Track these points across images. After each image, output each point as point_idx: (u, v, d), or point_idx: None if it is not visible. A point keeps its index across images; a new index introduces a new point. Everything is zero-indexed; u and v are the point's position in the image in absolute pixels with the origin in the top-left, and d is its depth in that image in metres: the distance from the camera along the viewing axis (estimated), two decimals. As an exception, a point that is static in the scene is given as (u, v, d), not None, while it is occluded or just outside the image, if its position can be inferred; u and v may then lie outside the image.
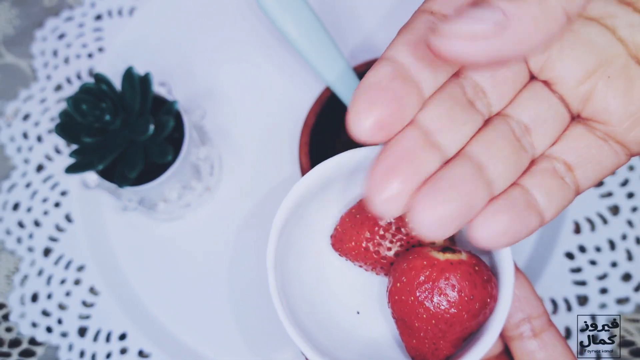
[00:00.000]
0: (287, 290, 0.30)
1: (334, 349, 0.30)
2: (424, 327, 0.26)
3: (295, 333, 0.27)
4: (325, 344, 0.29)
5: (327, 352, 0.28)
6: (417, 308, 0.25)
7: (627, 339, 0.43)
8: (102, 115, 0.38)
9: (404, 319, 0.26)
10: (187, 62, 0.52)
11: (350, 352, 0.30)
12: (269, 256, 0.28)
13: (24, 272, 0.47)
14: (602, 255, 0.45)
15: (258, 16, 0.52)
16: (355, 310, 0.32)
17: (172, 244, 0.48)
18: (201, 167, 0.45)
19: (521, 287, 0.29)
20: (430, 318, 0.25)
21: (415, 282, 0.25)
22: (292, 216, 0.29)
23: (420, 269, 0.26)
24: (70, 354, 0.45)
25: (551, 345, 0.28)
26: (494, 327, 0.26)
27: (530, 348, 0.28)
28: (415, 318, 0.26)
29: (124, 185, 0.39)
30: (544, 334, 0.29)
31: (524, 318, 0.29)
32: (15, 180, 0.50)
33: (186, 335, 0.46)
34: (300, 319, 0.30)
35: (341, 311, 0.32)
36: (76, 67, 0.52)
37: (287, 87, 0.50)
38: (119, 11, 0.54)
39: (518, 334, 0.29)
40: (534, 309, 0.29)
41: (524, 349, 0.29)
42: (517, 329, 0.29)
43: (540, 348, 0.28)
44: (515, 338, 0.29)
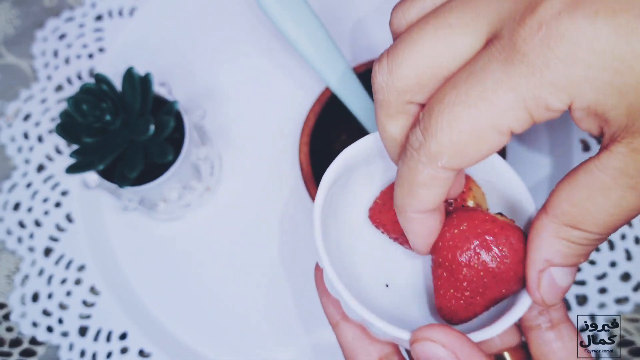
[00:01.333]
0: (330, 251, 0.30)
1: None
2: (469, 277, 0.26)
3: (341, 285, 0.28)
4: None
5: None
6: (470, 256, 0.26)
7: (626, 339, 0.43)
8: (102, 115, 0.38)
9: (452, 266, 0.26)
10: (187, 62, 0.52)
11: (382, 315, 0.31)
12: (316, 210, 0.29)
13: (24, 272, 0.47)
14: (601, 255, 0.45)
15: (258, 16, 0.52)
16: (384, 283, 0.33)
17: (173, 244, 0.48)
18: (201, 167, 0.45)
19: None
20: (480, 269, 0.26)
21: (477, 231, 0.26)
22: (338, 180, 0.30)
23: (483, 221, 0.26)
24: (71, 354, 0.45)
25: (567, 337, 0.29)
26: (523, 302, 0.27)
27: (547, 339, 0.29)
28: (465, 266, 0.26)
29: (124, 185, 0.39)
30: (561, 325, 0.29)
31: (543, 309, 0.29)
32: (16, 180, 0.50)
33: (186, 335, 0.46)
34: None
35: (370, 283, 0.32)
36: (77, 68, 0.52)
37: (287, 87, 0.50)
38: (120, 11, 0.54)
39: (536, 324, 0.29)
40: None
41: (542, 339, 0.29)
42: (536, 320, 0.29)
43: (557, 339, 0.29)
44: (533, 328, 0.30)
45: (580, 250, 0.24)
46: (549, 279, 0.24)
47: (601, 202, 0.22)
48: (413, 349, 0.25)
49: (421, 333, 0.25)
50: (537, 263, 0.24)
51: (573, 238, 0.23)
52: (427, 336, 0.25)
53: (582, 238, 0.23)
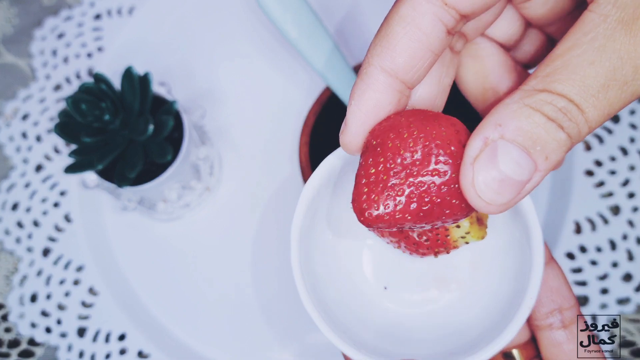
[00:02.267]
0: (312, 266, 0.30)
1: (358, 329, 0.30)
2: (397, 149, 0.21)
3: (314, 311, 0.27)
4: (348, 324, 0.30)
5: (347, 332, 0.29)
6: (402, 128, 0.22)
7: (627, 339, 0.43)
8: (101, 115, 0.38)
9: (379, 144, 0.22)
10: (187, 62, 0.52)
11: (374, 331, 0.31)
12: (293, 229, 0.28)
13: (23, 273, 0.47)
14: (603, 255, 0.45)
15: (258, 16, 0.52)
16: (383, 286, 0.32)
17: (172, 244, 0.48)
18: (201, 167, 0.45)
19: (555, 278, 0.29)
20: (410, 141, 0.21)
21: (411, 118, 0.22)
22: (322, 192, 0.29)
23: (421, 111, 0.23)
24: (70, 355, 0.45)
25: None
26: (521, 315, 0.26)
27: (558, 339, 0.28)
28: (394, 139, 0.22)
29: (124, 185, 0.39)
30: (573, 326, 0.28)
31: (555, 309, 0.28)
32: (14, 180, 0.49)
33: (186, 336, 0.46)
34: (324, 297, 0.30)
35: (368, 288, 0.33)
36: (75, 67, 0.52)
37: (287, 87, 0.50)
38: (119, 11, 0.54)
39: (547, 324, 0.29)
40: (566, 301, 0.29)
41: (552, 339, 0.28)
42: (547, 319, 0.28)
43: (569, 340, 0.28)
44: (544, 328, 0.29)
45: (547, 132, 0.18)
46: (490, 155, 0.19)
47: (584, 50, 0.18)
48: None
49: None
50: (485, 128, 0.19)
51: (542, 106, 0.18)
52: None
53: (554, 109, 0.18)
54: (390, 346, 0.30)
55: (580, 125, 0.19)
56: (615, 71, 0.18)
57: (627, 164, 0.46)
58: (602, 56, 0.18)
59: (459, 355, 0.27)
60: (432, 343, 0.31)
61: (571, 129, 0.19)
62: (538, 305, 0.29)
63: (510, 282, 0.29)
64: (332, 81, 0.41)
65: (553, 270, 0.29)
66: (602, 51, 0.18)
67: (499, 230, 0.30)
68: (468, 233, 0.28)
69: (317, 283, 0.30)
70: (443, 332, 0.31)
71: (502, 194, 0.19)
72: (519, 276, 0.28)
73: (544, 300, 0.29)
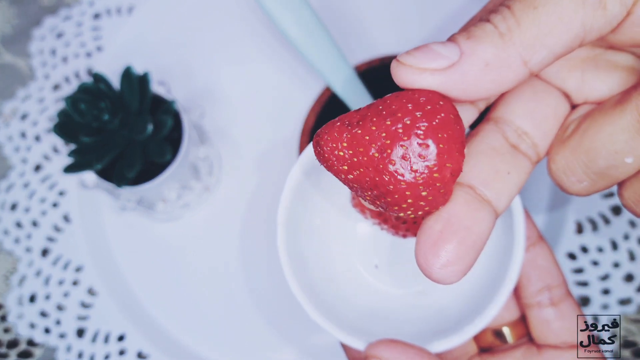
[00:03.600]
0: (299, 247, 0.31)
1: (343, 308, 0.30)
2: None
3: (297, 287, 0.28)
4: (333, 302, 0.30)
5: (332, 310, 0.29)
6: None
7: (629, 340, 0.43)
8: (100, 114, 0.38)
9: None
10: (186, 61, 0.52)
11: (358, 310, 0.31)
12: (280, 210, 0.29)
13: (21, 273, 0.47)
14: (604, 255, 0.45)
15: (258, 15, 0.52)
16: (374, 264, 0.33)
17: (171, 244, 0.48)
18: (200, 166, 0.45)
19: (543, 257, 0.29)
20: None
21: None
22: (310, 174, 0.30)
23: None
24: (69, 355, 0.45)
25: (568, 315, 0.28)
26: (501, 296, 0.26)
27: (546, 317, 0.28)
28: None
29: (123, 185, 0.39)
30: (562, 303, 0.29)
31: (544, 287, 0.29)
32: (13, 180, 0.49)
33: (185, 336, 0.46)
34: (310, 275, 0.30)
35: (361, 264, 0.33)
36: (74, 66, 0.52)
37: (287, 87, 0.50)
38: (118, 10, 0.54)
39: (536, 302, 0.29)
40: (554, 279, 0.29)
41: (541, 317, 0.29)
42: (536, 297, 0.29)
43: (557, 318, 0.28)
44: (533, 306, 0.29)
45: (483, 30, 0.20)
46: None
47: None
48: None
49: (371, 350, 0.26)
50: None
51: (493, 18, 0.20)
52: (375, 354, 0.25)
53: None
54: (375, 326, 0.30)
55: (507, 18, 0.19)
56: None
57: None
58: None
59: (445, 333, 0.28)
60: (418, 322, 0.31)
61: (498, 20, 0.20)
62: (527, 283, 0.29)
63: (495, 259, 0.29)
64: (332, 81, 0.41)
65: (542, 249, 0.30)
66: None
67: None
68: None
69: (304, 264, 0.30)
70: (428, 311, 0.31)
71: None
72: (503, 254, 0.28)
73: (533, 278, 0.29)
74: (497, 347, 0.31)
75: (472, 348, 0.31)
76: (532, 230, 0.30)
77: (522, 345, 0.30)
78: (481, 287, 0.30)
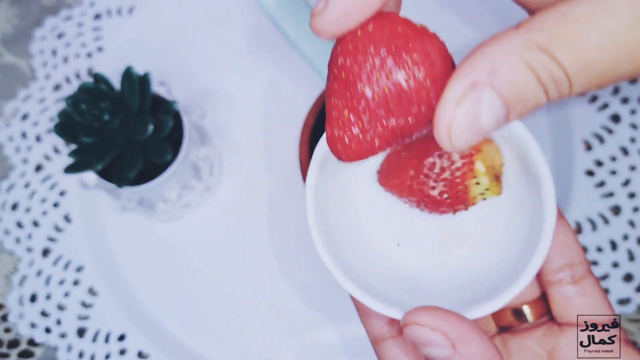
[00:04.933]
0: (326, 220, 0.30)
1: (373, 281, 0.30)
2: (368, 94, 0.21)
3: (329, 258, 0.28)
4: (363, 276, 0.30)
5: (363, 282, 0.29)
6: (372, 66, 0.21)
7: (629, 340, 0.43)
8: (101, 114, 0.38)
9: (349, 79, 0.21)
10: (187, 61, 0.52)
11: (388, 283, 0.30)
12: (308, 184, 0.28)
13: (22, 273, 0.47)
14: (604, 255, 0.45)
15: (258, 16, 0.52)
16: (396, 242, 0.32)
17: (172, 244, 0.48)
18: (201, 167, 0.45)
19: (564, 233, 0.29)
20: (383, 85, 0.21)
21: (384, 32, 0.21)
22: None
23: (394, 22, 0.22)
24: (69, 355, 0.45)
25: (590, 293, 0.28)
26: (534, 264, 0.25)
27: (568, 294, 0.28)
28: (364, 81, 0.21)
29: (123, 185, 0.39)
30: (584, 281, 0.28)
31: (565, 264, 0.28)
32: (13, 180, 0.49)
33: (186, 336, 0.46)
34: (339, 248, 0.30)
35: (382, 243, 0.32)
36: (75, 67, 0.52)
37: (287, 87, 0.50)
38: (118, 10, 0.54)
39: (557, 279, 0.28)
40: (576, 256, 0.29)
41: (563, 294, 0.28)
42: (557, 275, 0.28)
43: (579, 294, 0.28)
44: (554, 283, 0.28)
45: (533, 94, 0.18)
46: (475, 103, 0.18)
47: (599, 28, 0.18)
48: (405, 332, 0.25)
49: (410, 317, 0.24)
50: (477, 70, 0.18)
51: (539, 68, 0.18)
52: (415, 320, 0.24)
53: (548, 76, 0.18)
54: (404, 296, 0.30)
55: (563, 94, 0.19)
56: (616, 67, 0.18)
57: (627, 164, 0.46)
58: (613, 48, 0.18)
59: (472, 305, 0.27)
60: (445, 294, 0.30)
61: (553, 95, 0.19)
62: (548, 261, 0.28)
63: (522, 235, 0.29)
64: (332, 81, 0.41)
65: (563, 226, 0.29)
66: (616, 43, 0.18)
67: (511, 186, 0.29)
68: (487, 189, 0.28)
69: (332, 237, 0.30)
70: (455, 283, 0.31)
71: (467, 138, 0.19)
72: (531, 229, 0.28)
73: (554, 255, 0.28)
74: (517, 326, 0.30)
75: (492, 327, 0.31)
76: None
77: (542, 324, 0.29)
78: (509, 262, 0.29)
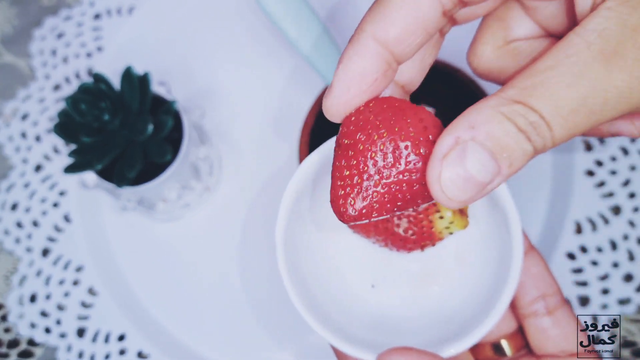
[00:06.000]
0: (299, 266, 0.30)
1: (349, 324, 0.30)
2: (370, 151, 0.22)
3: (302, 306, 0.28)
4: (337, 318, 0.30)
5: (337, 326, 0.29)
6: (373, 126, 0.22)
7: (628, 340, 0.43)
8: (100, 114, 0.38)
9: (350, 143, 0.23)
10: (187, 61, 0.52)
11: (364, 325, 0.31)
12: (278, 231, 0.29)
13: (22, 273, 0.47)
14: (604, 255, 0.45)
15: (258, 16, 0.52)
16: (371, 283, 0.33)
17: (172, 244, 0.48)
18: (200, 167, 0.45)
19: (536, 265, 0.29)
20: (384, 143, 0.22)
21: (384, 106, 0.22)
22: (305, 192, 0.30)
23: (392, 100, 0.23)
24: (69, 355, 0.45)
25: (565, 323, 0.28)
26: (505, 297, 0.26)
27: (544, 325, 0.29)
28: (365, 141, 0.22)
29: (123, 185, 0.39)
30: (558, 311, 0.29)
31: (539, 296, 0.29)
32: (13, 180, 0.49)
33: (185, 336, 0.46)
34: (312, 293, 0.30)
35: (356, 285, 0.33)
36: (75, 67, 0.52)
37: (287, 87, 0.50)
38: (118, 10, 0.54)
39: (532, 311, 0.29)
40: (549, 287, 0.29)
41: (538, 326, 0.29)
42: (532, 307, 0.29)
43: (554, 325, 0.28)
44: (529, 315, 0.29)
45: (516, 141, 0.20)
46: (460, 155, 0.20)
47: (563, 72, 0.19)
48: None
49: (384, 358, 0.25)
50: (458, 128, 0.20)
51: (515, 117, 0.19)
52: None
53: (525, 122, 0.19)
54: (379, 337, 0.30)
55: (547, 140, 0.20)
56: (587, 99, 0.19)
57: (627, 164, 0.46)
58: (578, 82, 0.19)
59: (446, 343, 0.27)
60: (419, 332, 0.31)
61: (537, 142, 0.20)
62: (522, 293, 0.29)
63: (493, 269, 0.29)
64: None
65: (534, 258, 0.30)
66: (579, 77, 0.19)
67: (480, 220, 0.30)
68: (452, 223, 0.29)
69: (305, 281, 0.30)
70: (429, 321, 0.31)
71: (464, 191, 0.20)
72: (501, 263, 0.29)
73: (528, 287, 0.29)
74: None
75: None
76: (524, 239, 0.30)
77: (521, 357, 0.30)
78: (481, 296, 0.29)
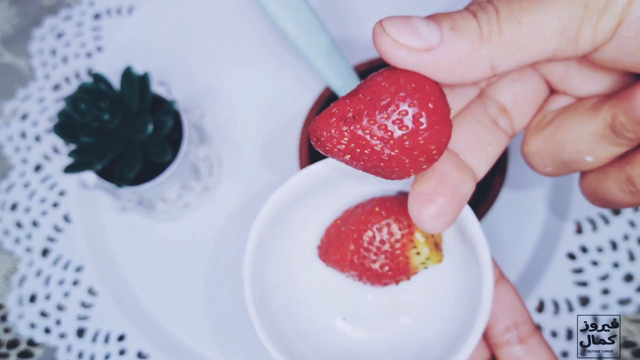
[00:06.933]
0: (268, 300, 0.31)
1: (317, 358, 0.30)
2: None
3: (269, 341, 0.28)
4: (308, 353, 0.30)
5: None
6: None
7: (629, 340, 0.43)
8: (100, 114, 0.38)
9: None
10: (187, 61, 0.52)
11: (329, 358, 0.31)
12: (245, 265, 0.29)
13: (22, 273, 0.47)
14: (604, 255, 0.45)
15: (258, 15, 0.52)
16: (342, 316, 0.33)
17: (171, 245, 0.48)
18: (200, 167, 0.45)
19: (507, 294, 0.30)
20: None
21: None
22: (274, 225, 0.30)
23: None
24: (69, 355, 0.45)
25: (537, 351, 0.29)
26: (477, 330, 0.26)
27: (516, 354, 0.29)
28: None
29: (123, 185, 0.39)
30: (530, 339, 0.29)
31: (511, 324, 0.29)
32: (13, 180, 0.49)
33: (185, 336, 0.46)
34: (281, 327, 0.30)
35: (327, 319, 0.33)
36: (75, 67, 0.52)
37: (287, 87, 0.50)
38: (118, 10, 0.54)
39: (505, 340, 0.29)
40: (520, 315, 0.29)
41: (510, 355, 0.29)
42: (504, 336, 0.29)
43: (527, 354, 0.29)
44: (502, 345, 0.29)
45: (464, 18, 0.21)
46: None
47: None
48: None
49: None
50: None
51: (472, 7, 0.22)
52: None
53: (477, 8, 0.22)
54: None
55: (491, 17, 0.21)
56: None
57: (628, 164, 0.46)
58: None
59: None
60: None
61: (482, 18, 0.21)
62: (494, 322, 0.29)
63: (464, 300, 0.30)
64: (332, 81, 0.41)
65: (505, 287, 0.30)
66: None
67: (450, 251, 0.30)
68: (428, 259, 0.29)
69: (274, 317, 0.30)
70: (403, 355, 0.31)
71: (405, 36, 0.22)
72: (472, 294, 0.29)
73: (499, 317, 0.29)
74: None
75: None
76: (495, 269, 0.30)
77: None
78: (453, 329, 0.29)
